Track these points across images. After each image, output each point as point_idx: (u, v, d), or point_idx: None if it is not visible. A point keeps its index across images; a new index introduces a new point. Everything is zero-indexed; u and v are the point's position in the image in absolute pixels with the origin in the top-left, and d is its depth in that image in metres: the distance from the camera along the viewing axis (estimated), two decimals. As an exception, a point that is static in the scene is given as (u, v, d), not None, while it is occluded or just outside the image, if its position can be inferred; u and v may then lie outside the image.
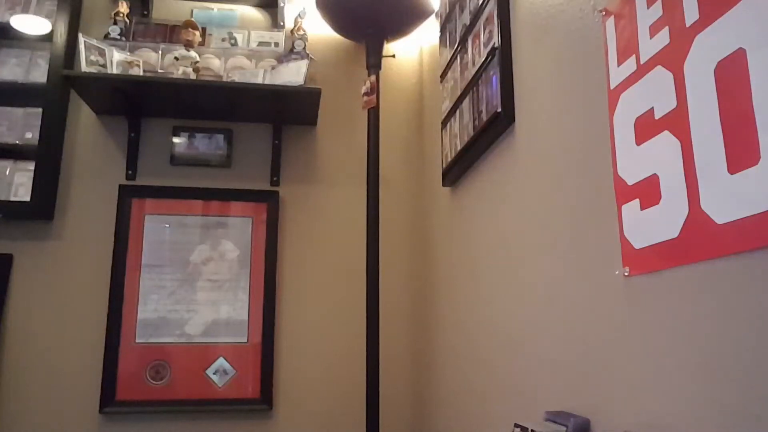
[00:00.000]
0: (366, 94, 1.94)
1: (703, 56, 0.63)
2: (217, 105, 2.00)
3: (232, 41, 2.14)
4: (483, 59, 1.33)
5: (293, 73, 1.95)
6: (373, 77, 1.94)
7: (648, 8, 0.74)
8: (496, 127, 1.26)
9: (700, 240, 0.62)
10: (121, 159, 2.02)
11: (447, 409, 1.67)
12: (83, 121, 2.05)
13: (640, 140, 0.74)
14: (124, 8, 2.04)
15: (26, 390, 1.82)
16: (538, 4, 1.12)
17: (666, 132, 0.69)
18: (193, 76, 1.92)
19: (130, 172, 2.01)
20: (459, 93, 1.51)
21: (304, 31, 2.12)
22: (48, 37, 1.97)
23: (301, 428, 1.94)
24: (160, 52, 2.00)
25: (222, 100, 1.97)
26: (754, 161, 0.55)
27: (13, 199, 1.88)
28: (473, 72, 1.40)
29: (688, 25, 0.66)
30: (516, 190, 1.20)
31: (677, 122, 0.67)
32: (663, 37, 0.70)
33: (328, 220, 2.10)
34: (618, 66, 0.80)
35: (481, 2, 1.38)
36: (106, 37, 1.99)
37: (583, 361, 0.89)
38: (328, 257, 2.07)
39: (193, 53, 1.96)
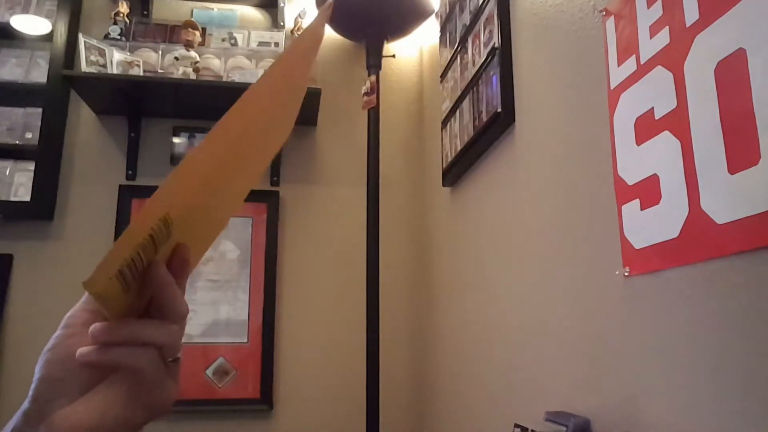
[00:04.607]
0: (366, 94, 1.94)
1: (703, 56, 0.63)
2: (217, 105, 1.99)
3: (232, 41, 2.14)
4: (483, 59, 1.33)
5: (293, 73, 1.95)
6: (373, 77, 1.94)
7: (648, 8, 0.74)
8: (496, 127, 1.26)
9: (700, 240, 0.62)
10: (121, 159, 2.02)
11: (447, 408, 1.67)
12: (83, 121, 2.05)
13: (640, 140, 0.74)
14: (124, 8, 2.04)
15: (26, 390, 1.82)
16: (538, 4, 1.12)
17: (666, 132, 0.69)
18: (193, 76, 1.92)
19: (130, 172, 2.01)
20: (459, 93, 1.51)
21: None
22: (48, 37, 1.97)
23: (301, 428, 1.94)
24: (160, 52, 2.00)
25: (222, 100, 1.96)
26: (754, 161, 0.55)
27: (13, 199, 1.88)
28: (473, 72, 1.40)
29: (688, 25, 0.66)
30: (516, 190, 1.20)
31: (677, 122, 0.67)
32: (663, 37, 0.70)
33: (328, 220, 2.10)
34: (618, 66, 0.80)
35: (481, 2, 1.38)
36: (106, 37, 1.99)
37: (583, 361, 0.89)
38: (328, 257, 2.07)
39: (193, 53, 1.96)
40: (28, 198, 1.86)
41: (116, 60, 1.90)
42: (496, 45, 1.25)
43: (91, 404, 0.41)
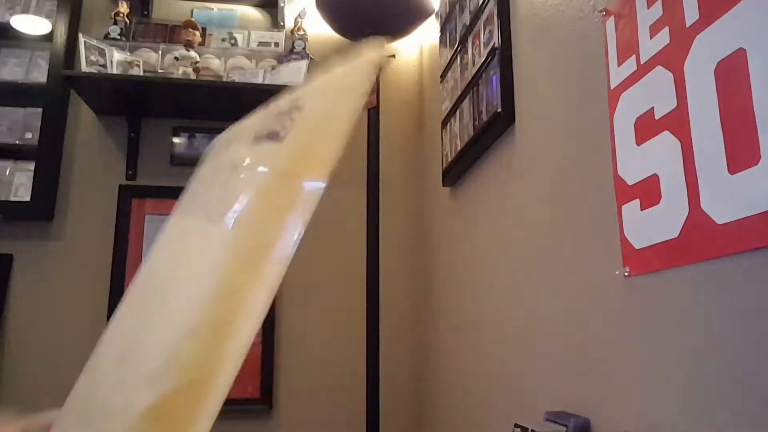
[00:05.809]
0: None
1: (703, 56, 0.63)
2: (217, 105, 2.00)
3: (232, 41, 2.14)
4: (483, 59, 1.33)
5: (293, 73, 1.95)
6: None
7: (648, 8, 0.74)
8: (496, 127, 1.26)
9: (701, 240, 0.62)
10: (121, 159, 2.02)
11: (447, 409, 1.67)
12: (83, 121, 2.05)
13: (640, 140, 0.74)
14: (124, 8, 2.04)
15: (26, 390, 1.82)
16: (538, 4, 1.12)
17: (666, 132, 0.69)
18: (193, 76, 1.92)
19: (130, 172, 2.01)
20: (459, 93, 1.51)
21: (304, 31, 2.12)
22: (48, 37, 1.97)
23: (301, 428, 1.93)
24: (160, 52, 1.99)
25: (222, 100, 1.97)
26: (754, 161, 0.55)
27: (13, 199, 1.88)
28: (473, 72, 1.40)
29: (688, 25, 0.66)
30: (516, 190, 1.20)
31: (677, 122, 0.67)
32: (663, 37, 0.70)
33: (328, 220, 2.10)
34: (618, 66, 0.80)
35: (481, 2, 1.38)
36: (106, 37, 1.99)
37: (583, 361, 0.89)
38: (328, 257, 2.07)
39: (193, 53, 1.95)
40: (28, 198, 1.86)
41: (116, 60, 1.90)
42: (496, 45, 1.25)
43: None
